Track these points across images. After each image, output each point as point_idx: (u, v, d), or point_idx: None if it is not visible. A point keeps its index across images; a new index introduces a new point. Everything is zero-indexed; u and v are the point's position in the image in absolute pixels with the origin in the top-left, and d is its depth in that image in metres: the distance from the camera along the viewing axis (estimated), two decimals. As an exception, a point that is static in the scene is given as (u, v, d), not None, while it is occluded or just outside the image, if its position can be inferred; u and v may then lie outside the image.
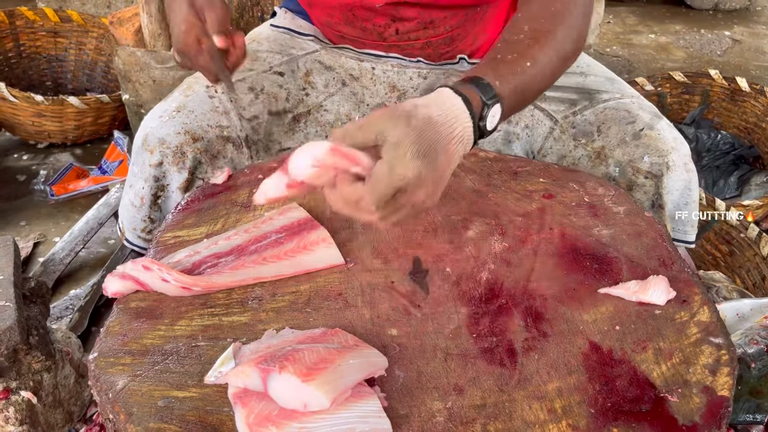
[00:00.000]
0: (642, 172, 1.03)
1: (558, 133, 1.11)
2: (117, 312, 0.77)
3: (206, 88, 1.11)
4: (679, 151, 1.04)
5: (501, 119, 0.80)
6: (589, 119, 1.09)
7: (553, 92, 1.14)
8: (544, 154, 1.13)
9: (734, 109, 2.17)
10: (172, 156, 1.04)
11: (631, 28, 3.59)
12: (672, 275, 0.81)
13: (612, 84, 1.15)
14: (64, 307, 1.61)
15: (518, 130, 1.15)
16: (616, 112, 1.08)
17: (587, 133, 1.08)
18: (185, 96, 1.10)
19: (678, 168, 1.03)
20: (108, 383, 0.68)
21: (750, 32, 3.56)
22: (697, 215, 1.10)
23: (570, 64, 0.94)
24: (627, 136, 1.05)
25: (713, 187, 2.00)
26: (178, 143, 1.04)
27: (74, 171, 2.15)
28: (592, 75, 1.16)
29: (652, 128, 1.05)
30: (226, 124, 1.09)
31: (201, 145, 1.05)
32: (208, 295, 0.79)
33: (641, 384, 0.68)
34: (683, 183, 1.05)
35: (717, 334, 0.73)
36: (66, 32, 2.56)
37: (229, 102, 1.10)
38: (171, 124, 1.05)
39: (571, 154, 1.09)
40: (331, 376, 0.62)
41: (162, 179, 1.05)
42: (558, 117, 1.11)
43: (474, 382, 0.68)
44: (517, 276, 0.81)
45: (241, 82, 1.14)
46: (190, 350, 0.71)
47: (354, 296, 0.78)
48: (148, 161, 1.04)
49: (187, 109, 1.07)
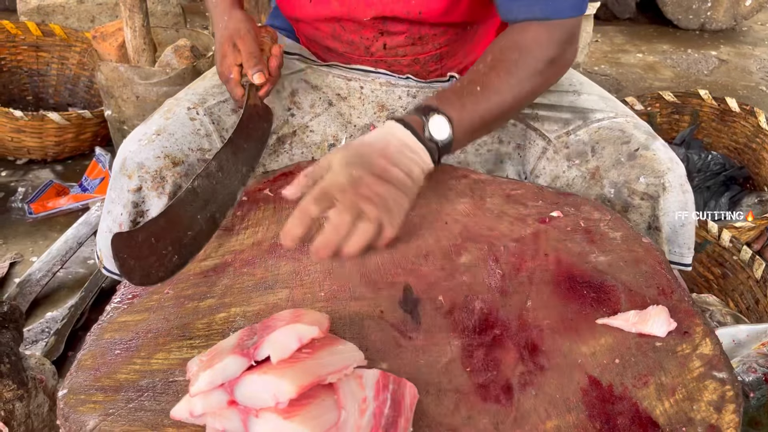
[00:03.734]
0: (638, 193, 1.01)
1: (551, 153, 1.08)
2: (90, 344, 0.72)
3: (187, 110, 1.07)
4: (674, 172, 1.01)
5: (458, 133, 0.88)
6: (582, 139, 1.06)
7: (546, 111, 1.11)
8: (537, 174, 1.10)
9: (724, 129, 2.16)
10: (151, 181, 1.00)
11: (619, 48, 3.60)
12: (672, 305, 0.78)
13: (605, 103, 1.12)
14: (39, 330, 1.55)
15: (510, 150, 1.13)
16: (611, 132, 1.05)
17: (581, 153, 1.06)
18: (165, 119, 1.06)
19: (674, 189, 1.01)
20: (78, 423, 0.63)
21: (736, 52, 3.59)
22: (693, 237, 1.07)
23: (539, 89, 0.99)
24: (622, 156, 1.02)
25: (704, 208, 1.98)
26: (157, 167, 1.00)
27: (54, 188, 2.10)
28: (585, 93, 1.14)
29: (647, 148, 1.02)
30: (208, 147, 1.05)
31: (181, 169, 1.01)
32: (188, 326, 0.75)
33: (644, 423, 0.65)
34: (680, 204, 1.02)
35: (721, 368, 0.70)
36: (48, 46, 2.52)
37: (210, 124, 1.07)
38: (150, 148, 1.01)
39: (565, 175, 1.07)
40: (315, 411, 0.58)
41: (141, 204, 1.01)
42: (551, 137, 1.09)
43: (468, 421, 0.65)
44: (511, 305, 0.78)
45: (223, 104, 1.10)
46: (167, 386, 0.67)
47: (341, 327, 0.75)
48: (126, 186, 1.00)
49: (167, 132, 1.03)
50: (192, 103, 1.09)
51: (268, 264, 0.84)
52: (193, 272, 0.83)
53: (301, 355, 0.61)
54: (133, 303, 0.78)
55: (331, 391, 0.61)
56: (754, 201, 1.92)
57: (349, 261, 0.81)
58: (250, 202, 0.95)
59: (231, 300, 0.78)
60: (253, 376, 0.58)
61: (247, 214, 0.93)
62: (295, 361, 0.60)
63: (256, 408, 0.57)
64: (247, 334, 0.64)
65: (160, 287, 0.80)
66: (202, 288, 0.80)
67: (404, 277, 0.82)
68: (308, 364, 0.60)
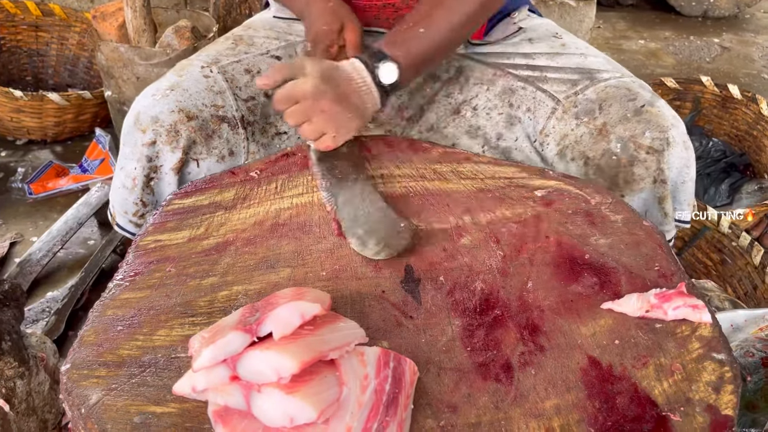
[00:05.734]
0: (644, 147, 1.02)
1: (560, 113, 1.10)
2: (92, 320, 0.73)
3: (201, 68, 1.08)
4: (678, 128, 1.04)
5: (404, 75, 0.98)
6: (590, 97, 1.08)
7: (555, 73, 1.14)
8: (546, 134, 1.11)
9: (725, 116, 2.15)
10: (165, 135, 0.99)
11: (621, 34, 3.58)
12: (672, 287, 0.78)
13: (611, 64, 1.16)
14: (40, 309, 1.56)
15: (520, 114, 1.14)
16: (617, 90, 1.08)
17: (589, 111, 1.07)
18: (179, 75, 1.06)
19: (678, 144, 1.03)
20: (81, 397, 0.64)
21: (738, 39, 3.57)
22: (693, 194, 1.10)
23: (478, 19, 1.07)
24: (628, 112, 1.04)
25: (704, 194, 1.98)
26: (171, 121, 1.00)
27: (54, 169, 2.09)
28: (592, 56, 1.17)
29: (652, 105, 1.05)
30: (222, 104, 1.05)
31: (195, 123, 1.01)
32: (190, 303, 0.75)
33: (642, 402, 0.65)
34: (682, 160, 1.04)
35: (719, 350, 0.71)
36: (48, 26, 2.50)
37: (224, 82, 1.08)
38: (164, 102, 1.01)
39: (573, 132, 1.08)
40: (317, 387, 0.58)
41: (155, 159, 1.01)
42: (560, 97, 1.11)
43: (468, 398, 0.65)
44: (512, 286, 0.78)
45: (237, 64, 1.11)
46: (169, 362, 0.68)
47: (343, 306, 0.75)
48: (140, 140, 1.00)
49: (181, 88, 1.03)
50: (205, 62, 1.10)
51: (269, 243, 0.84)
52: (194, 251, 0.83)
53: (302, 332, 0.61)
54: (135, 280, 0.78)
55: (333, 367, 0.61)
56: (755, 188, 1.92)
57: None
58: (252, 182, 0.95)
59: (233, 278, 0.78)
60: (255, 352, 0.58)
61: (249, 194, 0.93)
62: (297, 338, 0.60)
63: (258, 383, 0.58)
64: (249, 311, 0.65)
65: (163, 264, 0.81)
66: (204, 266, 0.80)
67: (405, 258, 0.82)
68: (310, 341, 0.60)
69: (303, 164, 0.98)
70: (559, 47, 1.18)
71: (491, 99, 1.17)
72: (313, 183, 0.94)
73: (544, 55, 1.17)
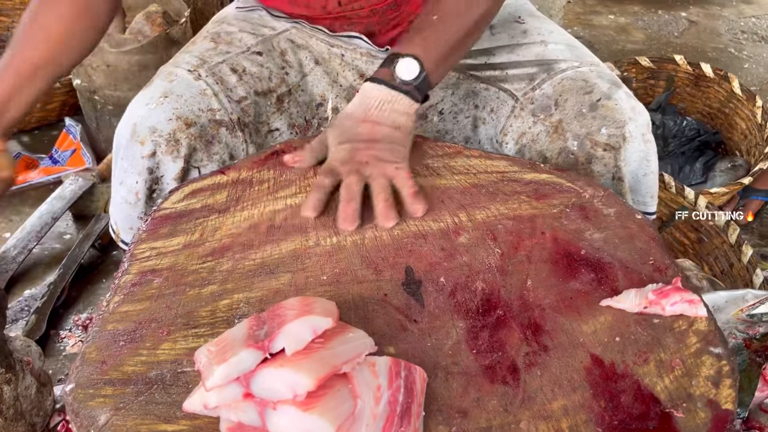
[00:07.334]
0: (600, 144, 1.02)
1: (518, 111, 1.09)
2: (93, 335, 0.71)
3: (189, 72, 1.05)
4: (636, 122, 1.02)
5: (429, 66, 0.91)
6: (546, 93, 1.07)
7: (514, 69, 1.12)
8: (505, 133, 1.11)
9: (698, 94, 2.19)
10: (165, 144, 0.97)
11: (591, 9, 3.60)
12: (667, 282, 0.79)
13: (572, 52, 1.13)
14: (19, 309, 1.52)
15: (485, 115, 1.13)
16: (573, 83, 1.06)
17: (545, 108, 1.06)
18: (169, 81, 1.03)
19: (635, 139, 1.02)
20: (89, 418, 0.63)
21: (705, 13, 3.61)
22: (656, 186, 1.10)
23: (487, 21, 1.03)
24: (584, 107, 1.03)
25: (679, 173, 2.02)
26: (170, 130, 0.97)
27: (23, 161, 2.03)
28: (552, 43, 1.14)
29: (609, 98, 1.03)
30: (217, 107, 1.03)
31: (194, 130, 0.99)
32: (191, 314, 0.74)
33: (646, 399, 0.67)
34: (641, 154, 1.03)
35: (716, 344, 0.72)
36: (8, 10, 2.42)
37: (216, 84, 1.05)
38: (160, 111, 0.98)
39: (530, 131, 1.07)
40: (332, 402, 0.59)
41: (156, 171, 0.98)
42: (518, 95, 1.10)
43: (478, 402, 0.66)
44: (512, 285, 0.79)
45: (222, 65, 1.08)
46: (176, 377, 0.67)
47: (347, 311, 0.75)
48: (139, 153, 0.97)
49: (175, 94, 1.01)
50: (191, 66, 1.07)
51: (267, 247, 0.83)
52: (191, 258, 0.82)
53: (314, 345, 0.61)
54: (134, 291, 0.77)
55: (345, 380, 0.61)
56: (727, 166, 1.96)
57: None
58: (243, 183, 0.93)
59: (233, 286, 0.78)
60: (269, 369, 0.57)
61: (242, 195, 0.91)
62: (309, 352, 0.60)
63: (273, 400, 0.57)
64: (256, 324, 0.64)
65: (159, 273, 0.79)
66: (202, 274, 0.79)
67: (405, 259, 0.82)
68: (322, 355, 0.60)
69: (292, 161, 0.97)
70: (519, 35, 1.16)
71: (456, 103, 1.16)
72: (305, 183, 0.93)
73: (504, 49, 1.15)
